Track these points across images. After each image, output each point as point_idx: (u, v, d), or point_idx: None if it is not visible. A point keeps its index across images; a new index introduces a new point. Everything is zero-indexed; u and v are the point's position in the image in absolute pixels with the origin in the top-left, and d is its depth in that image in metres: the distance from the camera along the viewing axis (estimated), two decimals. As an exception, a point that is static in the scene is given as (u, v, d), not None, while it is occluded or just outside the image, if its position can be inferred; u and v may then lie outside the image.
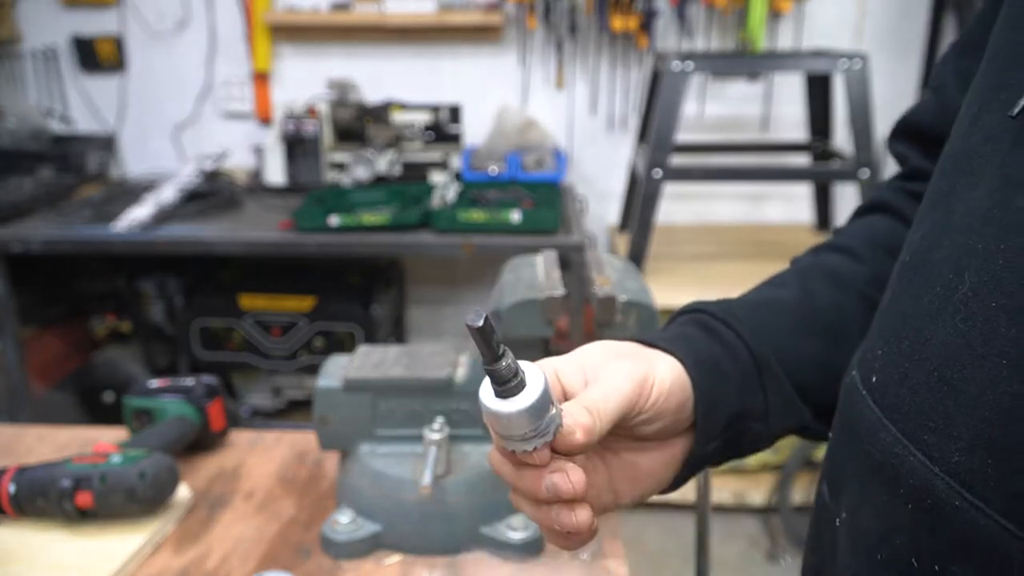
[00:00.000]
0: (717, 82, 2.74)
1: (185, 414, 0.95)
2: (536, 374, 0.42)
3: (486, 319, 0.38)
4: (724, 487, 2.41)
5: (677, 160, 2.24)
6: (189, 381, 0.99)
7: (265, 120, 2.82)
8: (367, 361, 0.86)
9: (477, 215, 2.15)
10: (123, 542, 0.79)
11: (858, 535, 0.43)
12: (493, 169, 2.54)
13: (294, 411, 2.66)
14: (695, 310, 0.56)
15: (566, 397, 0.47)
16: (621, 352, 0.49)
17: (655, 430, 0.49)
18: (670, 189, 2.27)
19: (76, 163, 2.62)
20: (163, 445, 0.89)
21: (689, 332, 0.54)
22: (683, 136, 2.41)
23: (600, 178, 2.82)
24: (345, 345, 2.40)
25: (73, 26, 2.78)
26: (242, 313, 2.43)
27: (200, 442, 0.97)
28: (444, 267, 2.89)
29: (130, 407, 0.98)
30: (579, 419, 0.43)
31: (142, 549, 0.79)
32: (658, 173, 2.17)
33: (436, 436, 0.78)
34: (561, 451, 0.43)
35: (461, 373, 0.84)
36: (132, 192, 2.49)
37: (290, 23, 2.70)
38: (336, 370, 0.85)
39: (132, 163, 2.89)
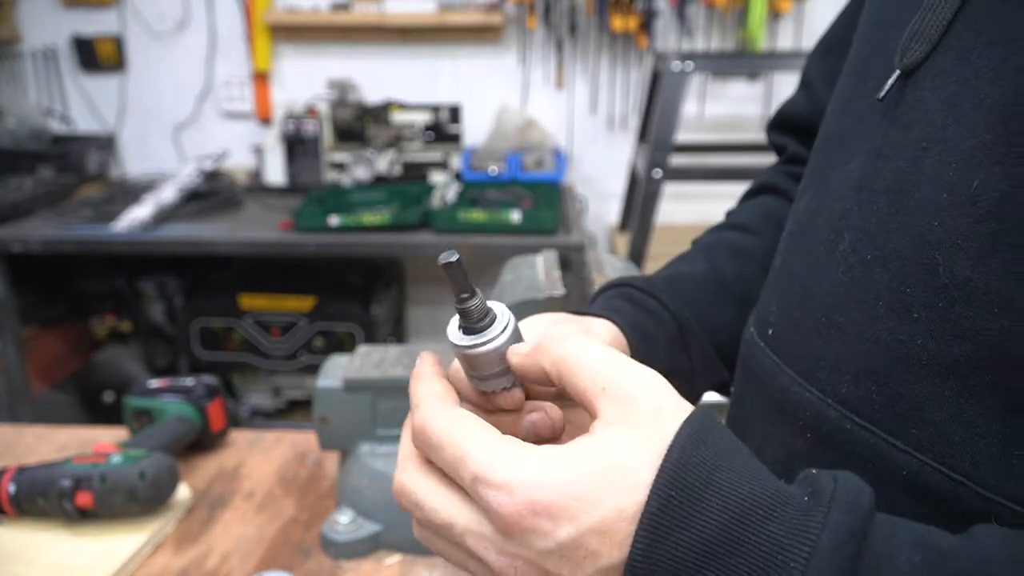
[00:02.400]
0: (717, 82, 2.74)
1: (185, 414, 0.95)
2: (504, 312, 0.43)
3: (458, 258, 0.39)
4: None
5: (677, 160, 2.24)
6: (189, 381, 0.99)
7: (265, 120, 2.82)
8: (367, 361, 0.86)
9: (477, 215, 2.15)
10: (123, 542, 0.79)
11: (767, 464, 0.47)
12: (493, 169, 2.54)
13: (294, 411, 2.66)
14: (618, 285, 0.60)
15: None
16: (559, 319, 0.52)
17: None
18: (670, 189, 2.27)
19: (76, 163, 2.62)
20: (163, 445, 0.89)
21: (616, 304, 0.57)
22: (683, 136, 2.41)
23: (600, 178, 2.82)
24: (345, 345, 2.40)
25: (73, 26, 2.78)
26: (242, 313, 2.43)
27: (200, 442, 0.97)
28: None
29: (130, 407, 0.98)
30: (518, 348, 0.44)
31: (142, 549, 0.79)
32: (658, 173, 2.17)
33: (436, 436, 0.78)
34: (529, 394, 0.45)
35: (461, 373, 0.84)
36: (132, 192, 2.49)
37: (290, 23, 2.70)
38: (336, 370, 0.85)
39: (132, 163, 2.89)
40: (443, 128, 2.64)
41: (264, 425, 2.58)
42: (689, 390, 0.57)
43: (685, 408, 0.37)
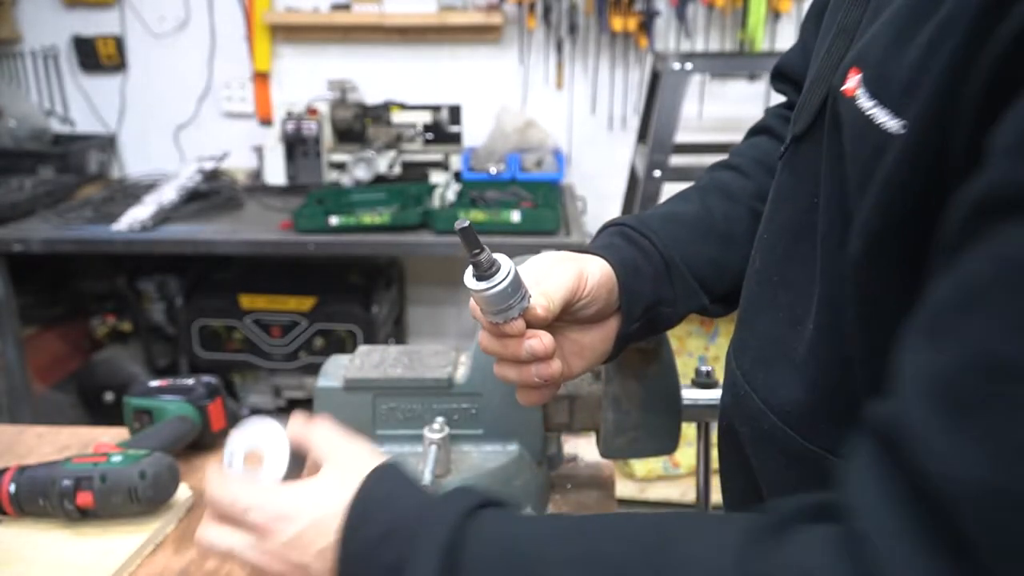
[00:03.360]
0: (717, 82, 2.74)
1: (185, 414, 0.95)
2: (506, 262, 0.57)
3: (469, 224, 0.54)
4: (724, 487, 2.41)
5: (677, 160, 2.24)
6: (189, 381, 0.99)
7: (265, 120, 2.82)
8: (367, 361, 0.86)
9: (477, 215, 2.15)
10: (123, 542, 0.79)
11: (722, 418, 0.70)
12: (493, 169, 2.54)
13: (294, 411, 2.66)
14: (617, 223, 0.72)
15: None
16: (562, 257, 0.65)
17: (591, 313, 0.64)
18: (670, 189, 2.27)
19: (76, 163, 2.62)
20: (163, 445, 0.89)
21: (615, 241, 0.70)
22: (683, 136, 2.41)
23: (600, 178, 2.82)
24: (345, 345, 2.40)
25: (73, 26, 2.78)
26: (242, 313, 2.43)
27: (200, 442, 0.97)
28: (444, 267, 2.89)
29: (130, 407, 0.98)
30: (539, 301, 0.59)
31: (142, 549, 0.79)
32: (658, 173, 2.17)
33: (436, 436, 0.78)
34: (530, 325, 0.59)
35: (461, 373, 0.84)
36: (132, 192, 2.49)
37: (290, 23, 2.70)
38: (336, 370, 0.85)
39: (132, 163, 2.89)
40: (443, 128, 2.64)
41: (264, 425, 2.57)
42: (672, 313, 0.70)
43: (375, 462, 0.54)
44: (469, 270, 0.57)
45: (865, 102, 0.45)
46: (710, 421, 0.89)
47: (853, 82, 0.47)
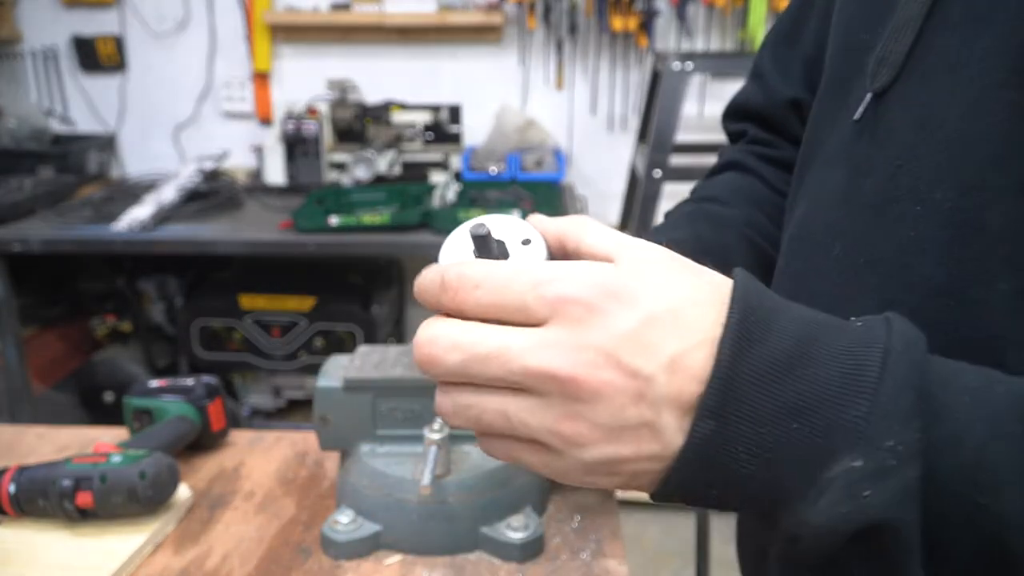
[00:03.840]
0: (717, 82, 2.74)
1: (185, 414, 0.95)
2: (537, 245, 0.43)
3: (488, 232, 0.40)
4: (724, 487, 2.41)
5: (677, 160, 2.24)
6: (189, 381, 0.99)
7: (265, 120, 2.82)
8: (367, 361, 0.86)
9: (477, 215, 2.15)
10: (123, 542, 0.79)
11: None
12: (493, 169, 2.54)
13: (294, 411, 2.66)
14: None
15: None
16: None
17: None
18: (670, 189, 2.27)
19: (76, 163, 2.62)
20: (163, 445, 0.89)
21: None
22: (683, 136, 2.41)
23: (600, 178, 2.82)
24: (345, 345, 2.40)
25: (73, 26, 2.78)
26: (242, 313, 2.43)
27: (200, 442, 0.97)
28: (444, 267, 2.89)
29: (130, 407, 0.98)
30: None
31: (142, 549, 0.79)
32: (658, 173, 2.17)
33: (436, 436, 0.78)
34: None
35: (461, 373, 0.84)
36: (132, 192, 2.49)
37: (290, 23, 2.70)
38: (336, 370, 0.85)
39: (132, 163, 2.89)
40: (443, 128, 2.64)
41: (264, 425, 2.58)
42: None
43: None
44: (461, 244, 0.43)
45: None
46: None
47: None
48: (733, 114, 0.78)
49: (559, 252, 0.43)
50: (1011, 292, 0.40)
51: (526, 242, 0.44)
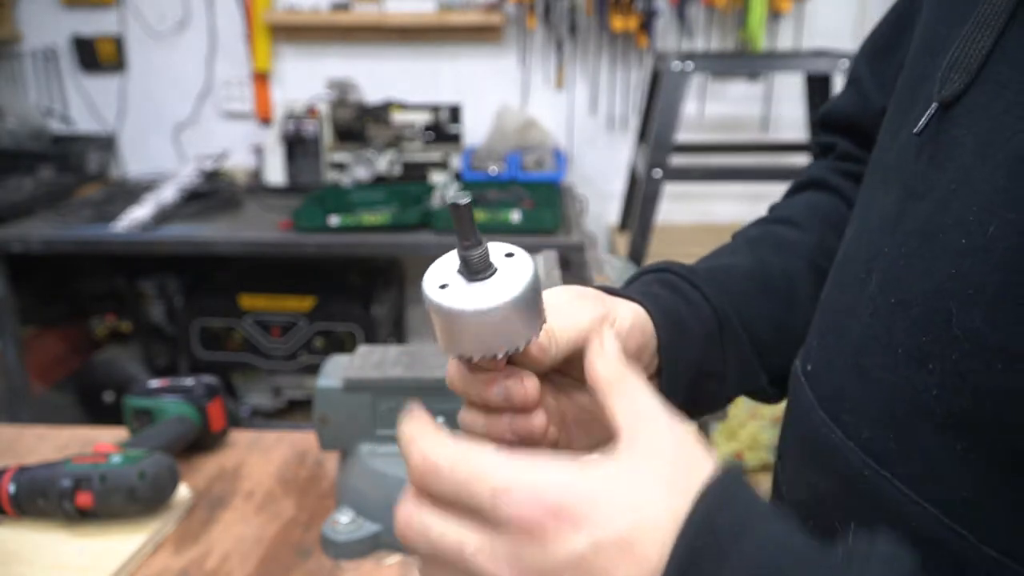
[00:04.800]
0: (717, 82, 2.74)
1: (185, 414, 0.95)
2: (523, 266, 0.40)
3: (470, 202, 0.38)
4: (724, 487, 2.41)
5: (677, 160, 2.24)
6: (189, 381, 0.99)
7: (265, 120, 2.82)
8: (367, 361, 0.86)
9: (477, 215, 2.14)
10: (123, 542, 0.79)
11: (795, 503, 0.50)
12: (493, 169, 2.54)
13: (294, 411, 2.66)
14: (658, 270, 0.56)
15: None
16: (585, 294, 0.48)
17: None
18: (670, 189, 2.27)
19: (76, 163, 2.62)
20: (163, 445, 0.89)
21: (655, 290, 0.53)
22: (683, 136, 2.41)
23: (600, 178, 2.82)
24: (345, 345, 2.40)
25: (73, 26, 2.78)
26: (242, 313, 2.43)
27: (200, 442, 0.97)
28: (444, 267, 2.89)
29: (130, 407, 0.98)
30: (538, 339, 0.42)
31: (142, 549, 0.79)
32: (658, 173, 2.17)
33: (436, 436, 0.78)
34: (517, 363, 0.43)
35: (461, 373, 0.84)
36: (132, 192, 2.49)
37: (290, 23, 2.69)
38: (336, 370, 0.85)
39: (132, 163, 2.89)
40: (443, 128, 2.64)
41: (264, 425, 2.58)
42: (720, 391, 0.54)
43: (711, 461, 0.34)
44: (446, 266, 0.41)
45: None
46: (710, 421, 0.89)
47: None
48: (825, 123, 0.68)
49: (576, 350, 0.42)
50: None
51: (509, 255, 0.41)
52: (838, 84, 2.42)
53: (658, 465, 0.33)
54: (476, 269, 0.40)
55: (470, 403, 0.44)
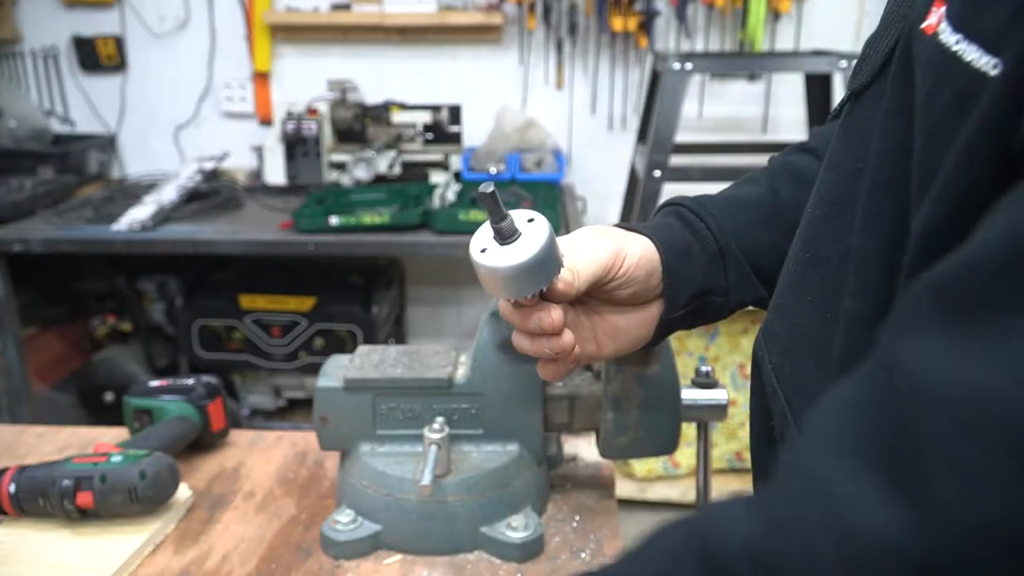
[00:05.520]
0: (717, 82, 2.74)
1: (185, 414, 0.95)
2: (540, 228, 0.53)
3: (495, 190, 0.50)
4: (724, 487, 2.41)
5: (677, 160, 2.24)
6: (189, 381, 0.99)
7: (265, 120, 2.82)
8: (367, 361, 0.86)
9: (477, 215, 2.15)
10: (123, 542, 0.79)
11: (755, 409, 0.60)
12: (493, 169, 2.54)
13: (294, 411, 2.66)
14: (676, 204, 0.68)
15: None
16: (603, 232, 0.61)
17: (628, 294, 0.61)
18: (670, 189, 2.27)
19: (76, 163, 2.62)
20: (163, 445, 0.89)
21: (669, 221, 0.66)
22: (683, 136, 2.41)
23: (600, 178, 2.82)
24: (345, 345, 2.40)
25: (73, 26, 2.78)
26: (242, 313, 2.43)
27: (200, 442, 0.97)
28: (444, 267, 2.89)
29: (130, 407, 0.98)
30: (563, 275, 0.55)
31: (142, 549, 0.79)
32: (658, 173, 2.17)
33: (436, 436, 0.78)
34: (549, 299, 0.56)
35: (461, 373, 0.84)
36: (132, 192, 2.49)
37: (290, 23, 2.70)
38: (336, 370, 0.85)
39: (132, 163, 2.89)
40: (443, 128, 2.64)
41: (264, 425, 2.58)
42: (723, 302, 0.66)
43: None
44: (484, 235, 0.54)
45: (948, 37, 0.37)
46: (710, 421, 0.89)
47: (935, 17, 0.39)
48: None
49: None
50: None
51: (530, 220, 0.54)
52: (838, 84, 2.42)
53: None
54: (505, 235, 0.53)
55: (518, 330, 0.58)
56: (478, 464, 0.82)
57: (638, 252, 0.60)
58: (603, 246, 0.59)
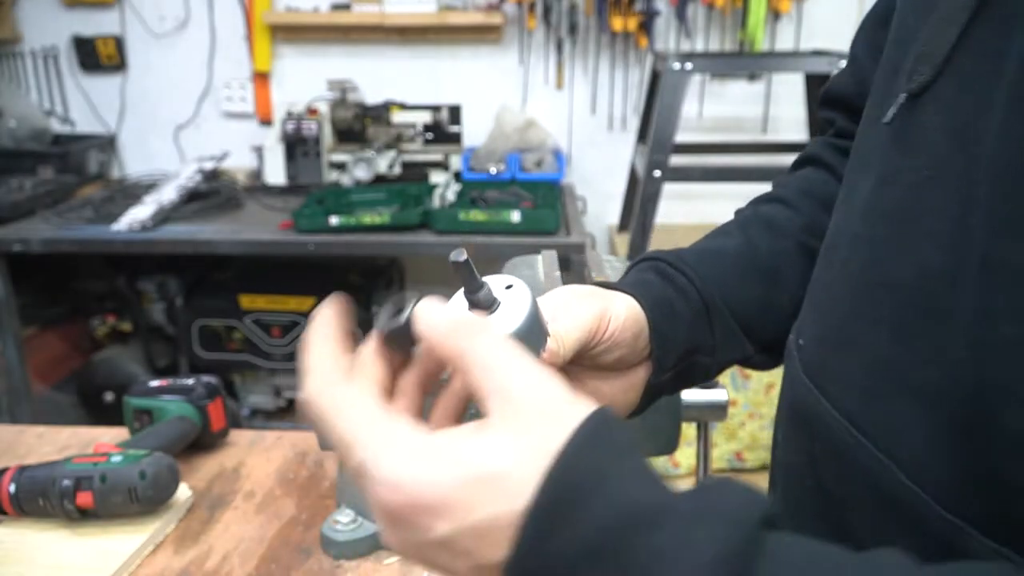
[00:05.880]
0: (717, 82, 2.74)
1: (185, 414, 0.95)
2: (521, 295, 0.47)
3: (467, 258, 0.44)
4: (724, 487, 2.41)
5: (677, 160, 2.24)
6: (189, 381, 0.99)
7: (265, 120, 2.82)
8: (367, 361, 0.86)
9: (477, 215, 2.15)
10: (123, 542, 0.79)
11: (788, 465, 0.54)
12: (493, 169, 2.54)
13: (294, 411, 2.66)
14: (652, 258, 0.62)
15: None
16: (583, 293, 0.55)
17: (614, 359, 0.55)
18: (670, 189, 2.27)
19: (77, 163, 2.62)
20: (163, 445, 0.89)
21: (647, 277, 0.60)
22: (683, 136, 2.41)
23: (600, 178, 2.82)
24: (345, 345, 2.40)
25: (73, 26, 2.78)
26: (242, 313, 2.43)
27: (200, 442, 0.97)
28: (444, 267, 2.88)
29: (130, 407, 0.98)
30: (548, 345, 0.49)
31: (142, 549, 0.79)
32: (658, 173, 2.17)
33: (436, 436, 0.78)
34: None
35: (461, 373, 0.84)
36: (132, 192, 2.49)
37: (290, 23, 2.70)
38: (336, 370, 0.85)
39: (132, 163, 2.89)
40: (443, 128, 2.64)
41: (264, 425, 2.58)
42: (711, 362, 0.60)
43: (579, 410, 0.35)
44: (458, 305, 0.47)
45: None
46: (710, 421, 0.89)
47: None
48: (824, 101, 0.71)
49: (438, 363, 0.42)
50: None
51: (508, 287, 0.48)
52: (838, 84, 2.42)
53: (519, 436, 0.34)
54: (482, 306, 0.47)
55: None
56: (478, 464, 0.82)
57: (623, 313, 0.54)
58: (586, 309, 0.53)
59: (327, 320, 0.42)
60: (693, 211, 2.84)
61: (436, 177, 2.57)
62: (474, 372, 0.37)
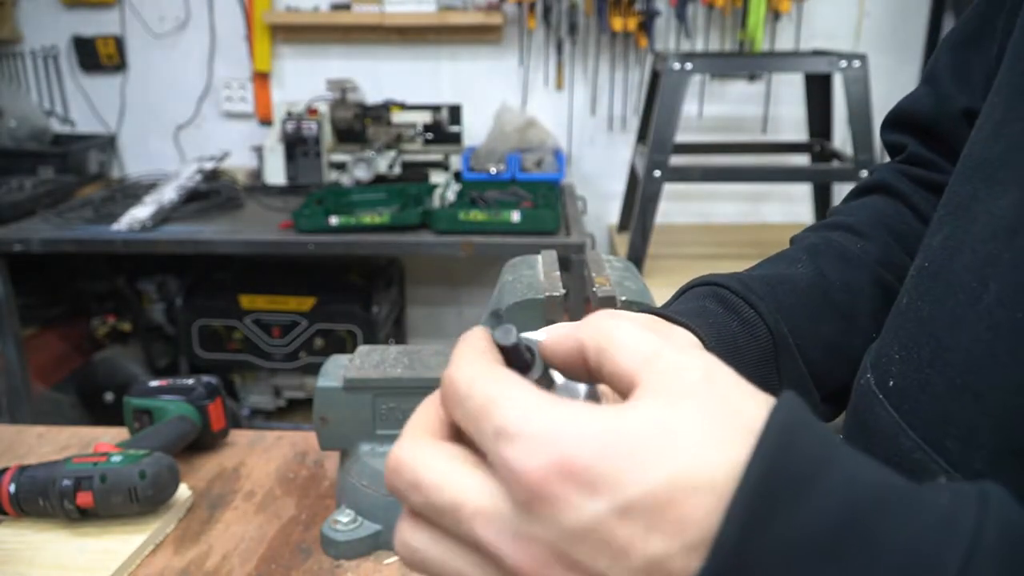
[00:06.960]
0: (717, 82, 2.74)
1: (185, 414, 0.95)
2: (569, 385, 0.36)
3: (517, 339, 0.33)
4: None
5: (677, 160, 2.24)
6: (189, 381, 0.99)
7: (265, 120, 2.82)
8: (367, 361, 0.86)
9: (477, 215, 2.15)
10: (123, 542, 0.79)
11: None
12: (493, 169, 2.54)
13: (294, 411, 2.66)
14: (713, 283, 0.54)
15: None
16: (643, 325, 0.46)
17: None
18: (670, 189, 2.27)
19: (77, 163, 2.62)
20: (163, 445, 0.89)
21: (708, 306, 0.51)
22: (683, 136, 2.41)
23: (600, 178, 2.82)
24: (345, 345, 2.40)
25: (73, 26, 2.78)
26: (242, 313, 2.43)
27: (200, 442, 0.97)
28: (444, 267, 2.89)
29: (130, 407, 0.98)
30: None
31: (142, 549, 0.79)
32: (658, 173, 2.17)
33: (436, 436, 0.78)
34: None
35: (461, 373, 0.84)
36: (132, 192, 2.49)
37: (290, 23, 2.70)
38: (336, 370, 0.85)
39: (132, 163, 2.89)
40: (443, 128, 2.64)
41: (264, 425, 2.58)
42: None
43: (752, 387, 0.29)
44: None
45: None
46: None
47: None
48: (894, 123, 0.63)
49: (577, 366, 0.33)
50: None
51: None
52: (838, 84, 2.42)
53: (694, 407, 0.27)
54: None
55: None
56: (478, 464, 0.82)
57: None
58: None
59: (481, 330, 0.35)
60: (693, 211, 2.84)
61: (436, 177, 2.57)
62: (623, 348, 0.31)
